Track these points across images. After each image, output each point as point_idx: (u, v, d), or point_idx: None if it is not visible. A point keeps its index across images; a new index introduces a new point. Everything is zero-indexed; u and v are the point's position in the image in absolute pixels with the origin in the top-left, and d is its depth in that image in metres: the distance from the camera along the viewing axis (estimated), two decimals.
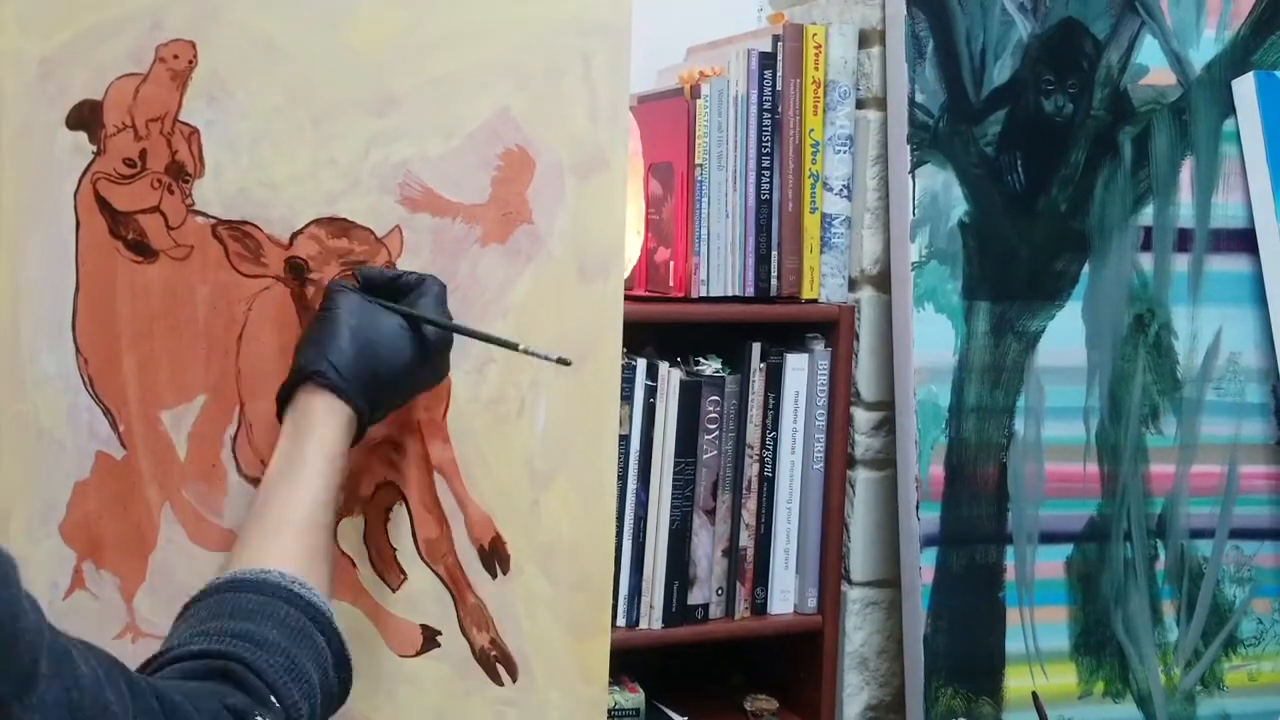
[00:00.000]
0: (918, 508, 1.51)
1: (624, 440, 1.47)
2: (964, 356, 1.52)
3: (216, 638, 0.83)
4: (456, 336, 1.05)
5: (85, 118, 1.01)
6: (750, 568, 1.57)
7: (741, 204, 1.54)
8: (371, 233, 1.07)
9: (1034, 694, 1.54)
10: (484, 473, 1.11)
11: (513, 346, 1.04)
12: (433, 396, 1.09)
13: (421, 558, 1.10)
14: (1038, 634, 1.55)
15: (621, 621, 1.50)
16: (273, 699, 0.82)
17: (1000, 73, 1.52)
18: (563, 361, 1.03)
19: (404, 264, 1.07)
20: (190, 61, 1.03)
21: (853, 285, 1.59)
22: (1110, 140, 1.56)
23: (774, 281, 1.56)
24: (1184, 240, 1.59)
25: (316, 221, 1.06)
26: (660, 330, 1.54)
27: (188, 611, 0.88)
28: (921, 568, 1.51)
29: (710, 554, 1.54)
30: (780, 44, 1.54)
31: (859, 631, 1.61)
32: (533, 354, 1.03)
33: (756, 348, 1.54)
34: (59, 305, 1.02)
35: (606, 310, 1.13)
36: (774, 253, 1.55)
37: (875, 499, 1.60)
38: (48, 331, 1.01)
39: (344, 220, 1.06)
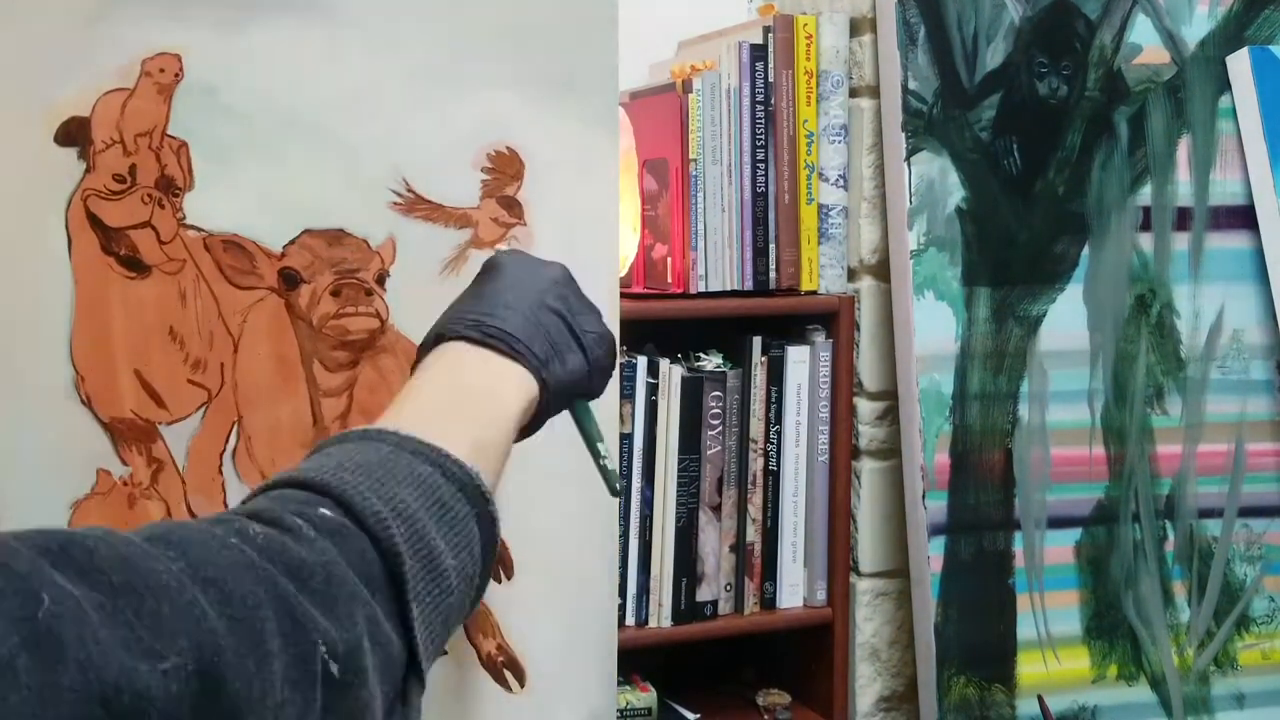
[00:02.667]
0: (924, 496, 1.50)
1: (627, 439, 1.46)
2: (966, 343, 1.52)
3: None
4: None
5: (73, 134, 1.01)
6: (758, 562, 1.56)
7: (737, 197, 1.53)
8: (364, 241, 1.07)
9: (1039, 697, 1.53)
10: None
11: (600, 461, 0.95)
12: None
13: None
14: (1049, 619, 1.55)
15: (630, 620, 1.50)
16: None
17: (993, 57, 1.52)
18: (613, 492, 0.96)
19: (397, 271, 1.07)
20: (176, 74, 1.02)
21: (852, 275, 1.59)
22: (1106, 121, 1.55)
23: (772, 274, 1.55)
24: (1183, 219, 1.58)
25: (308, 231, 1.06)
26: (660, 327, 1.54)
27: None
28: (930, 557, 1.50)
29: (717, 550, 1.54)
30: (771, 35, 1.53)
31: (869, 623, 1.60)
32: (606, 470, 0.95)
33: (757, 341, 1.54)
34: (54, 323, 1.01)
35: (602, 310, 1.12)
36: (771, 245, 1.55)
37: (881, 489, 1.59)
38: (44, 350, 1.01)
39: (336, 229, 1.06)
